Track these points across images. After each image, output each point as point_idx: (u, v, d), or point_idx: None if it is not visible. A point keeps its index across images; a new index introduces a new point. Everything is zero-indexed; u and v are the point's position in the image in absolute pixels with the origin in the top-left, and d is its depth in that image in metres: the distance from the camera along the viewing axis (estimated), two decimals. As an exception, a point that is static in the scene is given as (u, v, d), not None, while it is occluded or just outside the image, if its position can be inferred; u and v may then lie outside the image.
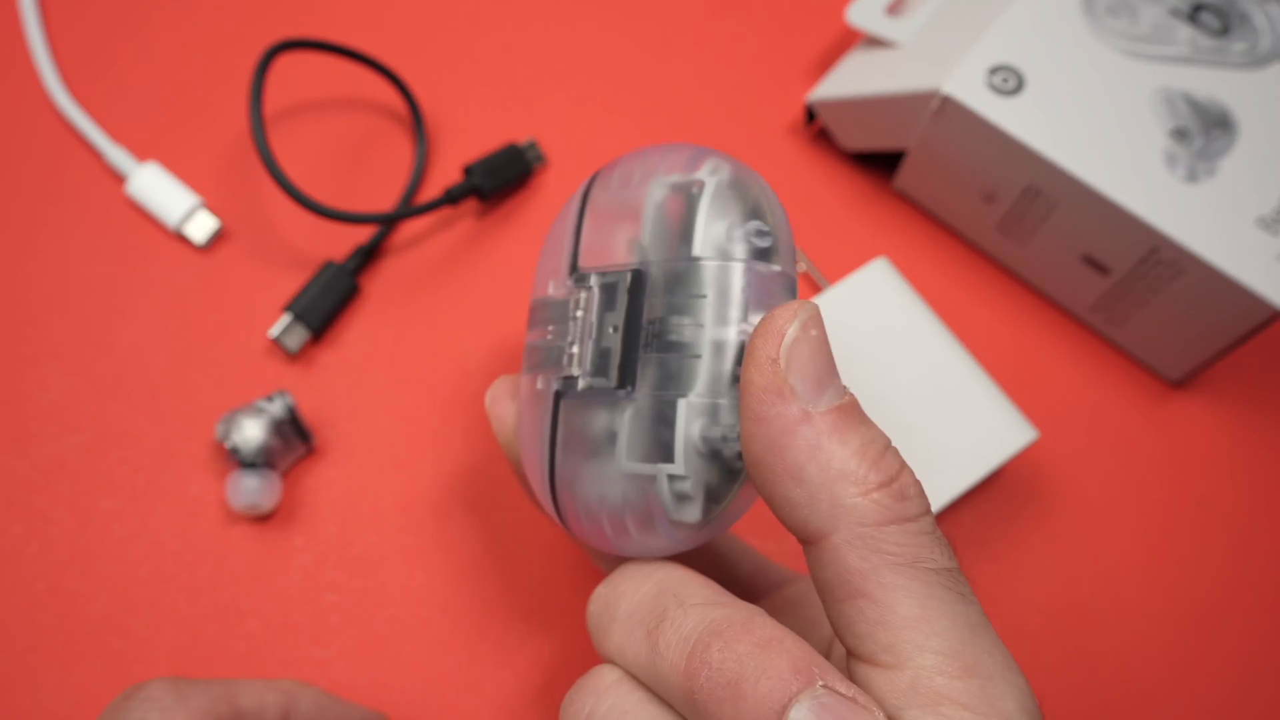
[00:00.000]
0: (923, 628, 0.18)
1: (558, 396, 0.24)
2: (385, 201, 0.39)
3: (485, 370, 0.36)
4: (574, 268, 0.25)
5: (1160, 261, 0.34)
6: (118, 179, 0.38)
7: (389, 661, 0.32)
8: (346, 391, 0.36)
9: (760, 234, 0.22)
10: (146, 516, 0.33)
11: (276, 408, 0.33)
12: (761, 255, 0.22)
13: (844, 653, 0.20)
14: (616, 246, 0.24)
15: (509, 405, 0.27)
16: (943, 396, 0.32)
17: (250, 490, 0.32)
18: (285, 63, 0.41)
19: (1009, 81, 0.35)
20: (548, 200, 0.39)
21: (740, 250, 0.22)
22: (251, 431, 0.33)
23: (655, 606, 0.21)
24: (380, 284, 0.37)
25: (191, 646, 0.32)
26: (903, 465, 0.20)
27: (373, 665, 0.32)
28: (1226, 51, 0.35)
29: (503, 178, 0.38)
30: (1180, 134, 0.34)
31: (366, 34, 0.42)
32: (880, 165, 0.41)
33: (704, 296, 0.22)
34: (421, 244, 0.38)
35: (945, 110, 0.35)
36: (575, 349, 0.24)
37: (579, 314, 0.24)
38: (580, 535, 0.24)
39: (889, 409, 0.32)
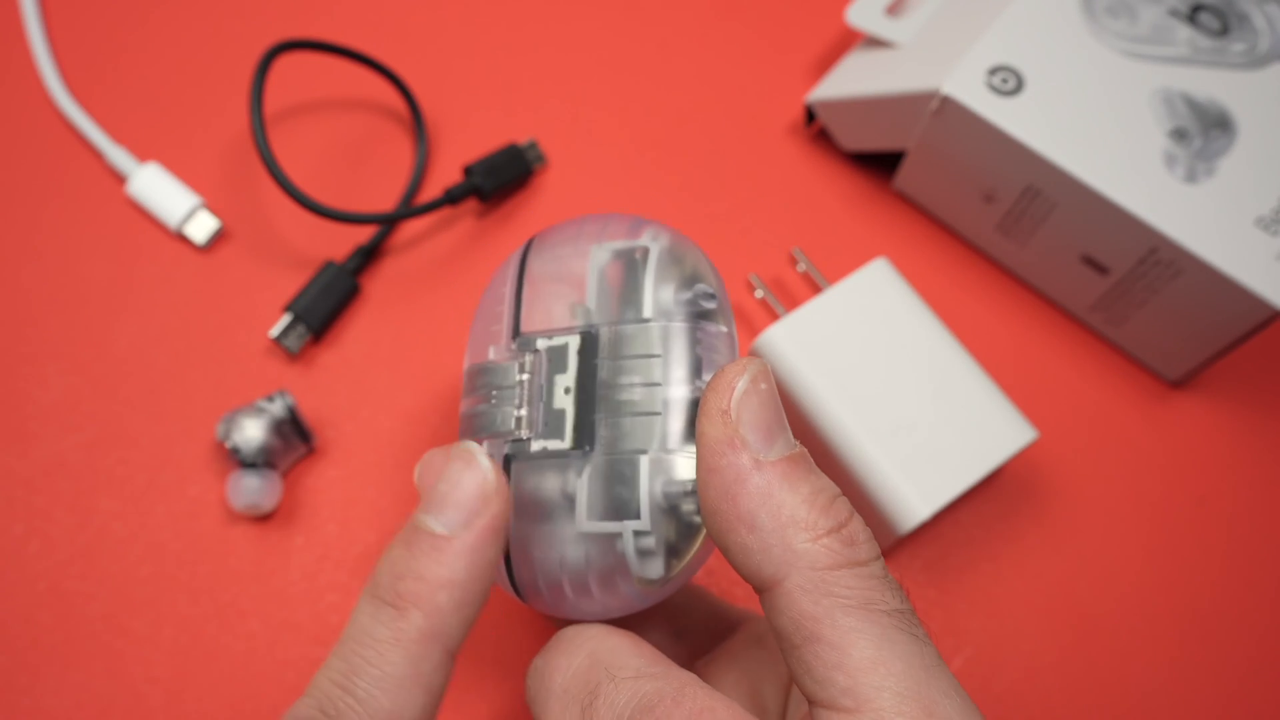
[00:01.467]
0: (879, 669, 0.19)
1: (508, 460, 0.24)
2: (385, 201, 0.39)
3: (485, 370, 0.36)
4: (516, 332, 0.25)
5: (1159, 262, 0.34)
6: (118, 179, 0.38)
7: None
8: (347, 391, 0.36)
9: (707, 296, 0.24)
10: (146, 516, 0.33)
11: (277, 408, 0.33)
12: (708, 316, 0.23)
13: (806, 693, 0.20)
14: (559, 311, 0.24)
15: None
16: (942, 396, 0.33)
17: (251, 490, 0.32)
18: (285, 63, 0.41)
19: (1008, 82, 0.35)
20: (548, 200, 0.39)
21: (688, 312, 0.23)
22: (252, 431, 0.33)
23: (588, 681, 0.21)
24: (380, 284, 0.37)
25: (191, 646, 0.32)
26: (852, 513, 0.20)
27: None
28: (1225, 52, 0.36)
29: (503, 178, 0.38)
30: (1179, 134, 0.34)
31: (366, 34, 0.42)
32: (880, 165, 0.41)
33: (658, 356, 0.23)
34: (422, 244, 0.38)
35: (945, 110, 0.35)
36: (523, 412, 0.24)
37: (523, 378, 0.24)
38: (536, 602, 0.24)
39: (889, 409, 0.32)
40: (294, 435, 0.33)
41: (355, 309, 0.37)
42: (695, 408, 0.22)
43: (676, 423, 0.22)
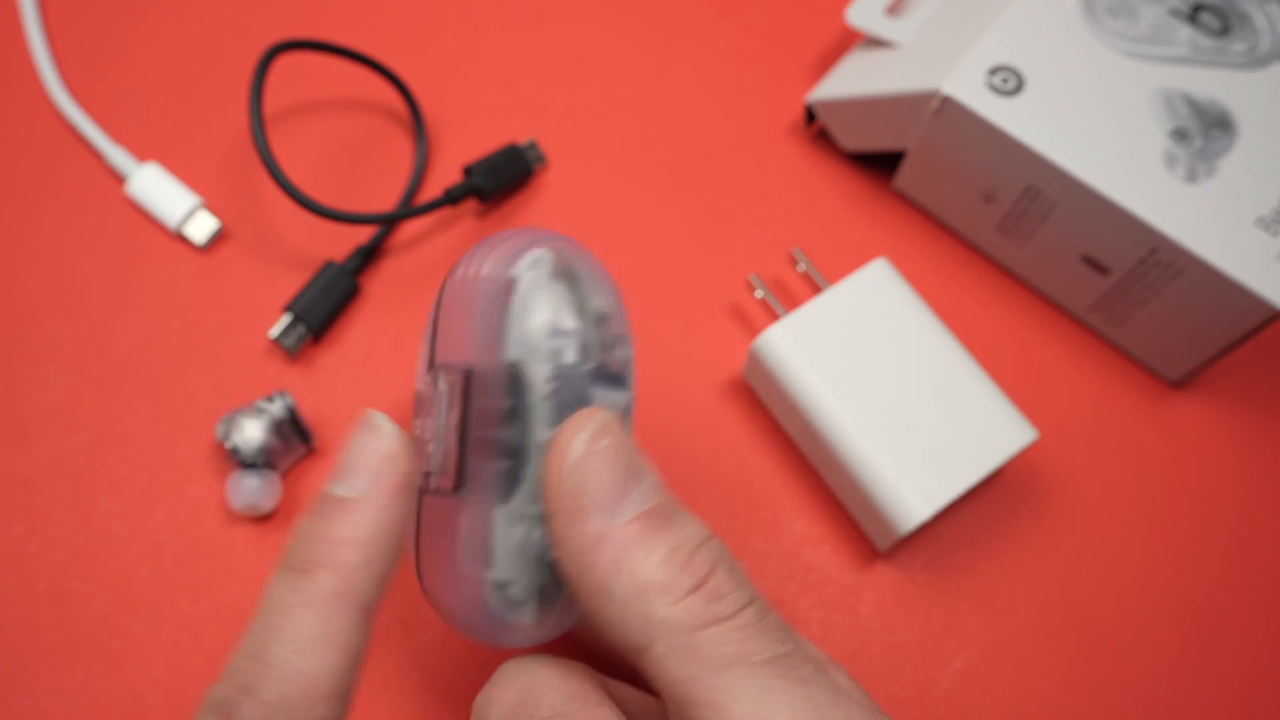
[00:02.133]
0: None
1: (421, 493, 0.24)
2: (385, 201, 0.39)
3: (485, 370, 0.36)
4: (431, 362, 0.24)
5: (1160, 262, 0.34)
6: (118, 179, 0.38)
7: (389, 661, 0.32)
8: (346, 391, 0.36)
9: (559, 334, 0.22)
10: (147, 516, 0.33)
11: (277, 408, 0.33)
12: (569, 354, 0.22)
13: None
14: (461, 342, 0.23)
15: None
16: (942, 397, 0.33)
17: (250, 490, 0.32)
18: (285, 63, 0.41)
19: (1009, 82, 0.35)
20: (548, 201, 0.39)
21: (546, 353, 0.22)
22: (252, 432, 0.33)
23: (514, 719, 0.21)
24: (380, 284, 0.37)
25: (191, 646, 0.32)
26: (715, 562, 0.19)
27: (372, 665, 0.32)
28: (1226, 52, 0.36)
29: (503, 178, 0.38)
30: (1180, 134, 0.34)
31: (366, 34, 0.42)
32: (880, 165, 0.41)
33: (513, 402, 0.21)
34: (422, 244, 0.38)
35: (945, 110, 0.35)
36: (431, 448, 0.23)
37: (432, 414, 0.24)
38: (458, 630, 0.24)
39: (889, 409, 0.32)
40: (294, 436, 0.33)
41: (355, 309, 0.37)
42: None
43: (532, 471, 0.21)
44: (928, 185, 0.39)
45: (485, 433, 0.22)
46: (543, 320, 0.22)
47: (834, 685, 0.19)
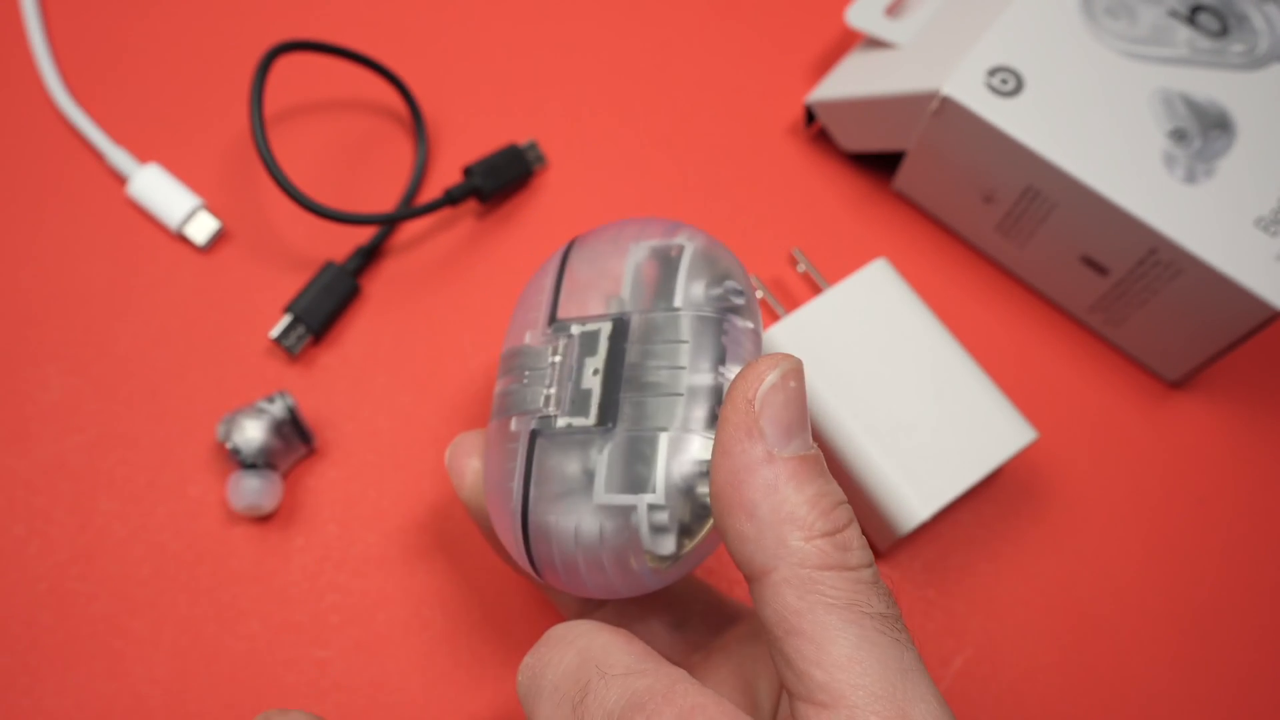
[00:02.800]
0: (855, 668, 0.19)
1: (534, 435, 0.25)
2: (385, 202, 0.39)
3: (486, 370, 0.36)
4: (553, 319, 0.26)
5: (1159, 262, 0.34)
6: (119, 180, 0.38)
7: (389, 661, 0.32)
8: (347, 392, 0.36)
9: (737, 293, 0.25)
10: (147, 517, 0.33)
11: (277, 408, 0.33)
12: (736, 311, 0.25)
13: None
14: (594, 302, 0.26)
15: (470, 461, 0.27)
16: (942, 397, 0.33)
17: (251, 491, 0.32)
18: (286, 64, 0.41)
19: (1008, 83, 0.35)
20: (548, 201, 0.39)
21: (718, 306, 0.25)
22: (252, 432, 0.33)
23: (579, 678, 0.21)
24: (381, 284, 0.37)
25: (192, 647, 0.32)
26: (851, 521, 0.21)
27: (373, 665, 0.32)
28: (1225, 53, 0.36)
29: (503, 178, 0.38)
30: (1179, 135, 0.34)
31: (366, 35, 0.42)
32: (880, 166, 0.41)
33: (685, 342, 0.24)
34: (422, 244, 0.38)
35: (944, 111, 0.35)
36: (552, 390, 0.25)
37: (555, 359, 0.25)
38: (550, 577, 0.24)
39: (888, 409, 0.32)
40: (294, 436, 0.33)
41: (355, 310, 0.37)
42: (716, 394, 0.23)
43: (698, 407, 0.23)
44: (927, 186, 0.39)
45: (643, 372, 0.24)
46: (713, 279, 0.25)
47: (919, 658, 0.20)
